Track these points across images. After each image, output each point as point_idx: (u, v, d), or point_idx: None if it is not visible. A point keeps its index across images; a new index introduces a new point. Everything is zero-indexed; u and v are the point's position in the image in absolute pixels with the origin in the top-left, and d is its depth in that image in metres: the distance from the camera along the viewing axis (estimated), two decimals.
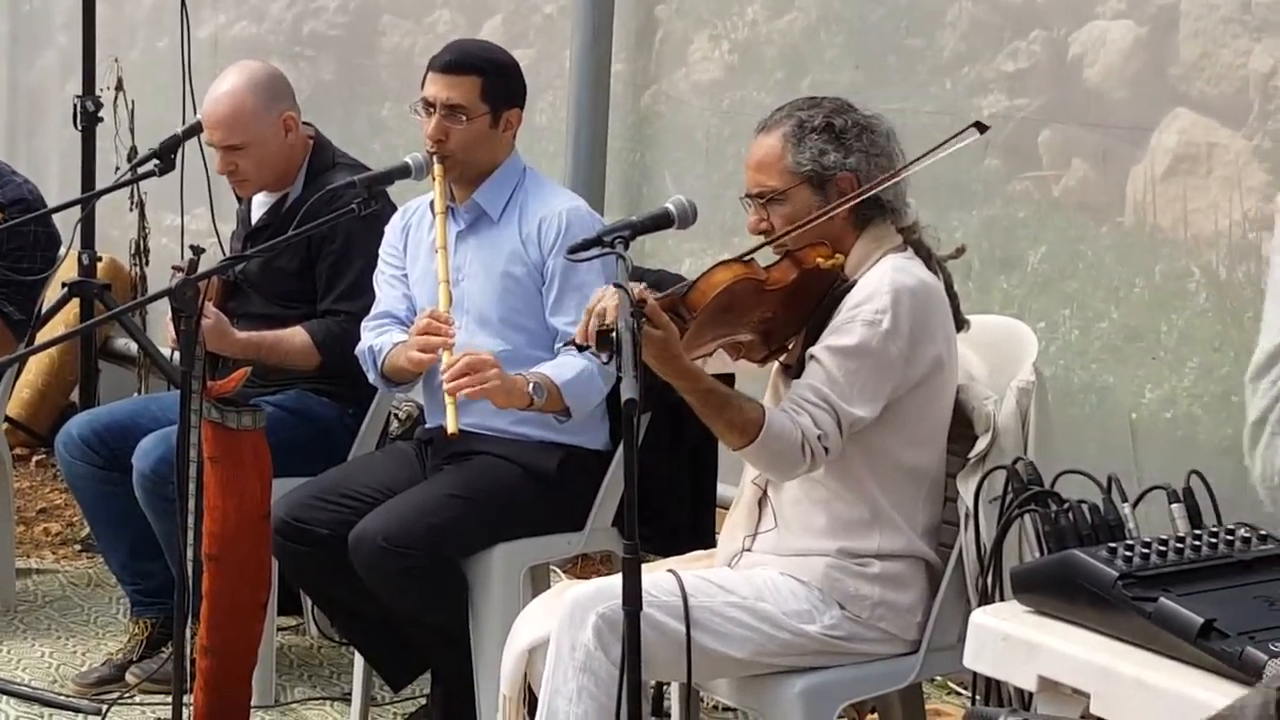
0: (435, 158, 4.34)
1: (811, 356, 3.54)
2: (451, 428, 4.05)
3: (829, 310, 3.57)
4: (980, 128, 3.51)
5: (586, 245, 3.51)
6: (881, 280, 3.54)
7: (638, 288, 3.33)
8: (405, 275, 4.55)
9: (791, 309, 3.57)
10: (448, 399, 4.06)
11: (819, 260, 3.55)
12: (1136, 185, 4.43)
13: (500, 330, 4.37)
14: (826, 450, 3.49)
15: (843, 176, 3.61)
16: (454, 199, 4.44)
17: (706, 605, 3.53)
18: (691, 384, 3.47)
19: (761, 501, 3.73)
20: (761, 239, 3.67)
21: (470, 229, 4.46)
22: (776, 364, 3.70)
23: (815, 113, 3.64)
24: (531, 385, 4.15)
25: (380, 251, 4.60)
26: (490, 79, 4.41)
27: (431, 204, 4.40)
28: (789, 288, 3.53)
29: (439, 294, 4.25)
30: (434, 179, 4.33)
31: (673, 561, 3.85)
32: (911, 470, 3.64)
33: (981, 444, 3.60)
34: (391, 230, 4.60)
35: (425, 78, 4.42)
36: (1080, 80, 4.54)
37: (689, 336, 3.46)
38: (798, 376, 3.58)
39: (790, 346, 3.65)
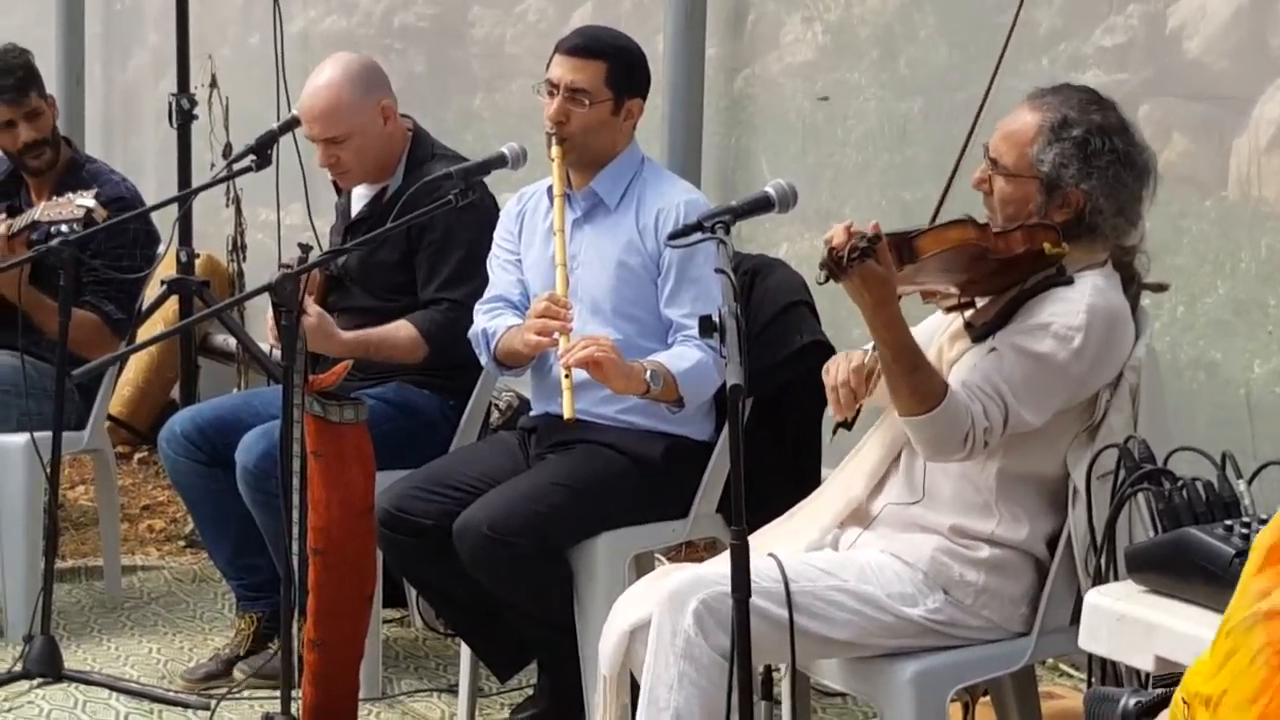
0: (554, 139, 4.34)
1: (994, 348, 3.53)
2: (568, 413, 4.04)
3: (1033, 292, 3.56)
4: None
5: (687, 231, 3.51)
6: (1081, 298, 3.52)
7: (872, 221, 3.33)
8: (519, 260, 4.54)
9: (1001, 276, 3.57)
10: (564, 382, 4.06)
11: (1046, 244, 3.53)
12: (1240, 158, 4.37)
13: (613, 320, 4.36)
14: (986, 444, 3.47)
15: (1073, 193, 3.56)
16: (570, 186, 4.43)
17: (809, 590, 3.51)
18: (894, 334, 3.41)
19: (890, 469, 3.70)
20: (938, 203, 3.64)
21: (586, 217, 4.45)
22: (959, 317, 3.67)
23: (1083, 121, 3.56)
24: (649, 373, 4.15)
25: (495, 236, 4.60)
26: (616, 65, 4.39)
27: (549, 189, 4.40)
28: (1010, 259, 3.53)
29: (556, 277, 4.25)
30: (552, 161, 4.33)
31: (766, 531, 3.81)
32: (1044, 479, 3.62)
33: (1095, 415, 3.57)
34: (506, 215, 4.60)
35: (551, 59, 4.42)
36: (1180, 53, 4.49)
37: (900, 276, 3.44)
38: (978, 339, 3.58)
39: (979, 305, 3.64)
